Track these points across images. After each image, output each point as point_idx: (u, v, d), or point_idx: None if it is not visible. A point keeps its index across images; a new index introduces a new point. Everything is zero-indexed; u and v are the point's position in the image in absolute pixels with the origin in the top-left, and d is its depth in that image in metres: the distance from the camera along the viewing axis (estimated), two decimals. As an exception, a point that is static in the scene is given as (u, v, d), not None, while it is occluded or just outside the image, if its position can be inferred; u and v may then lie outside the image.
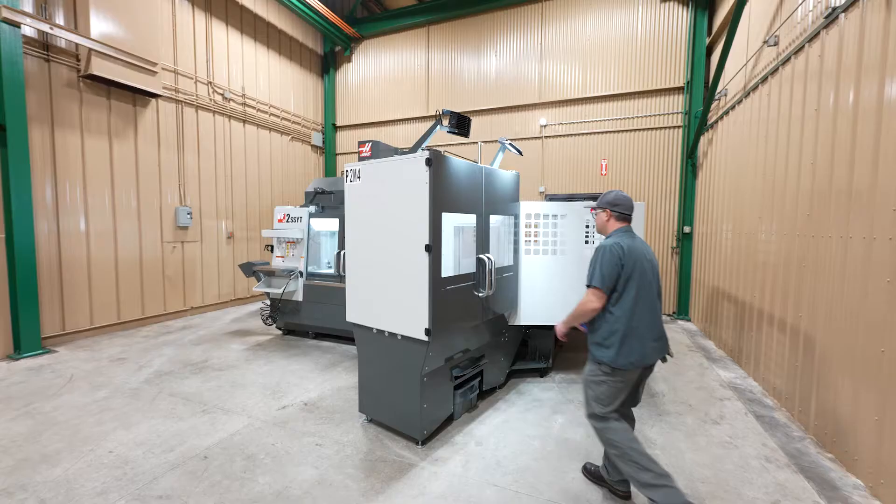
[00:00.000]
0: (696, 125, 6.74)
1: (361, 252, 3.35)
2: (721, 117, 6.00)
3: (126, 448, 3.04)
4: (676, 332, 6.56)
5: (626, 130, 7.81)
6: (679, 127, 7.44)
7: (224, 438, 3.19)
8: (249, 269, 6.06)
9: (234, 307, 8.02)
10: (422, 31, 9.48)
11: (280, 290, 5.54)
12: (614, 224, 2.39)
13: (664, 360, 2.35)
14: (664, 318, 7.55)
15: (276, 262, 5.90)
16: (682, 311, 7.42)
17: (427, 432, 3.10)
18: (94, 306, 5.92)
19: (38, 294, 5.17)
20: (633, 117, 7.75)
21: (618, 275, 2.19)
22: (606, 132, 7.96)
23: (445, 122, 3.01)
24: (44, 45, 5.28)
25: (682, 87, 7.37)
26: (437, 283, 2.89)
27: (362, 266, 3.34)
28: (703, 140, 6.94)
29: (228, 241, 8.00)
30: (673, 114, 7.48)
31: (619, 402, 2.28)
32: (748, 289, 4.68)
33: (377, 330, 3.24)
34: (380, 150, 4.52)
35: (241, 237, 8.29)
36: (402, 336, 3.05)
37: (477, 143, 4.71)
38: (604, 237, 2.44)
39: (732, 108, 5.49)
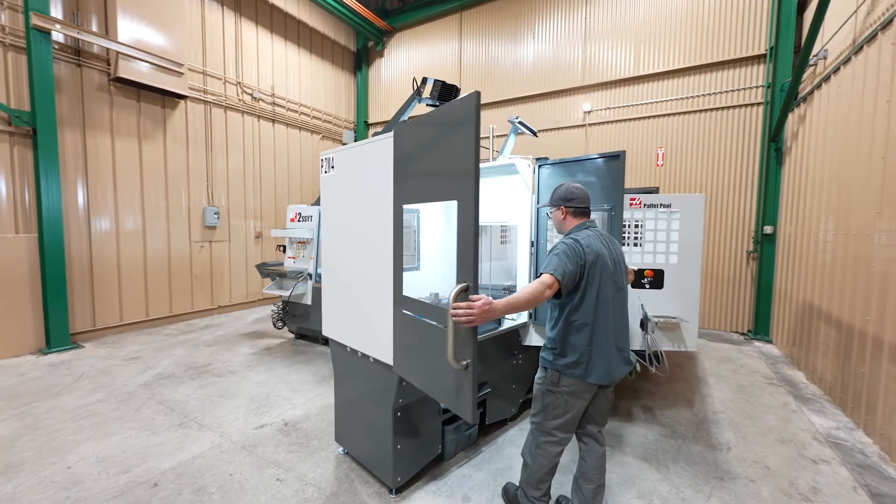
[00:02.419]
0: (783, 99, 5.43)
1: (334, 254, 2.84)
2: (818, 86, 4.71)
3: (86, 464, 2.81)
4: (752, 356, 5.31)
5: (689, 112, 6.59)
6: (759, 104, 6.10)
7: (185, 461, 2.85)
8: (264, 270, 5.88)
9: (260, 307, 8.01)
10: (454, 18, 8.89)
11: (288, 293, 5.25)
12: (572, 221, 2.09)
13: (631, 375, 2.26)
14: (737, 336, 6.24)
15: (288, 263, 5.64)
16: (761, 329, 6.07)
17: (402, 479, 2.51)
18: (124, 304, 6.09)
19: (69, 291, 5.36)
20: (697, 96, 6.52)
21: (579, 274, 1.88)
22: (663, 115, 6.79)
23: (426, 92, 2.40)
24: (76, 51, 5.47)
25: (763, 56, 6.03)
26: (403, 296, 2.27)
27: (335, 271, 2.84)
28: (791, 118, 5.59)
29: (256, 241, 8.02)
30: (751, 88, 6.16)
31: (572, 422, 2.03)
32: (858, 307, 3.50)
33: (350, 348, 2.71)
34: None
35: (270, 237, 8.28)
36: (374, 359, 2.49)
37: (489, 126, 4.03)
38: (562, 236, 2.09)
39: (836, 71, 4.23)
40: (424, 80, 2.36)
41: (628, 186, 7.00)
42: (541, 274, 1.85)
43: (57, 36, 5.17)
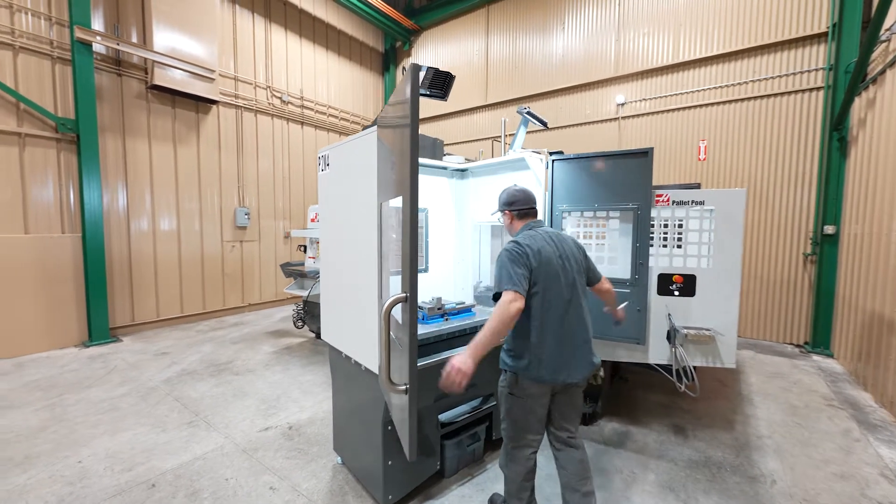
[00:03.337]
0: (848, 82, 4.77)
1: (330, 256, 2.75)
2: (891, 64, 4.06)
3: (95, 460, 2.89)
4: (808, 372, 4.70)
5: (736, 100, 5.98)
6: (818, 88, 5.41)
7: (186, 462, 2.86)
8: (287, 270, 5.96)
9: (288, 305, 8.17)
10: (481, 13, 8.67)
11: (307, 292, 5.28)
12: (518, 223, 2.16)
13: (596, 381, 2.27)
14: (791, 348, 5.58)
15: (308, 263, 5.68)
16: (821, 342, 5.37)
17: (394, 497, 2.35)
18: (160, 300, 6.40)
19: (109, 288, 5.69)
20: (746, 82, 5.90)
21: (528, 274, 1.85)
22: (706, 105, 6.22)
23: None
24: (116, 61, 5.80)
25: (823, 34, 5.35)
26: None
27: (330, 273, 2.74)
28: (858, 102, 4.90)
29: (285, 241, 8.20)
30: (809, 71, 5.48)
31: (537, 424, 1.98)
32: (940, 324, 2.95)
33: (345, 354, 2.60)
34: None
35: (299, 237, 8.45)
36: (366, 367, 2.36)
37: (502, 120, 3.80)
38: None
39: (913, 44, 3.62)
40: (416, 69, 2.19)
41: (666, 182, 6.48)
42: (498, 294, 1.82)
43: (98, 48, 5.50)
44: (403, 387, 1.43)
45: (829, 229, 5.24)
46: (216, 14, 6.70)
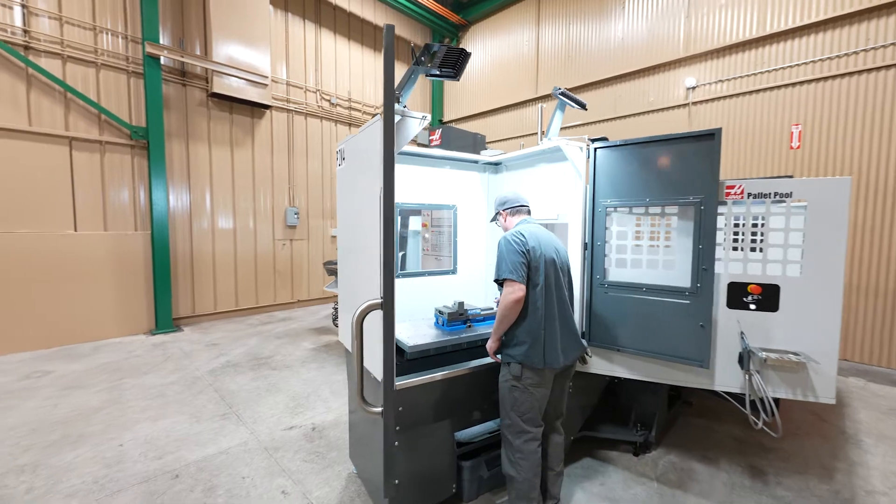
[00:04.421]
0: None
1: (345, 254, 2.60)
2: None
3: (134, 445, 3.02)
4: (941, 411, 3.71)
5: (841, 75, 4.96)
6: (961, 52, 4.29)
7: (211, 455, 2.89)
8: (329, 268, 6.04)
9: (334, 302, 8.37)
10: (532, 2, 8.21)
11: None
12: (512, 221, 2.33)
13: (584, 360, 2.53)
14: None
15: (347, 262, 5.69)
16: (960, 372, 4.25)
17: (401, 520, 2.13)
18: (217, 294, 6.83)
19: (173, 281, 6.17)
20: (854, 52, 4.88)
21: (526, 262, 1.99)
22: (801, 82, 5.24)
23: (429, 62, 1.99)
24: (181, 73, 6.27)
25: (969, -18, 4.23)
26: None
27: (343, 273, 2.60)
28: None
29: (332, 240, 8.40)
30: (946, 32, 4.37)
31: (538, 414, 2.05)
32: None
33: (357, 359, 2.43)
34: (451, 138, 3.74)
35: (346, 236, 8.62)
36: (374, 376, 2.16)
37: (539, 106, 3.41)
38: None
39: None
40: (427, 48, 1.96)
41: (749, 176, 5.60)
42: (500, 281, 1.99)
43: (165, 61, 5.97)
44: (378, 409, 1.20)
45: (975, 230, 4.12)
46: (269, 23, 7.01)
